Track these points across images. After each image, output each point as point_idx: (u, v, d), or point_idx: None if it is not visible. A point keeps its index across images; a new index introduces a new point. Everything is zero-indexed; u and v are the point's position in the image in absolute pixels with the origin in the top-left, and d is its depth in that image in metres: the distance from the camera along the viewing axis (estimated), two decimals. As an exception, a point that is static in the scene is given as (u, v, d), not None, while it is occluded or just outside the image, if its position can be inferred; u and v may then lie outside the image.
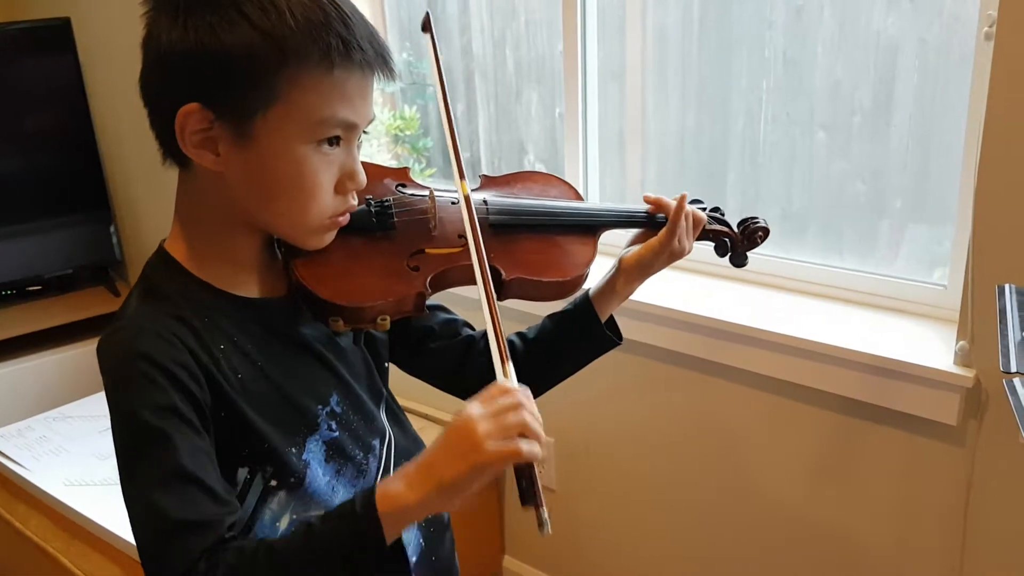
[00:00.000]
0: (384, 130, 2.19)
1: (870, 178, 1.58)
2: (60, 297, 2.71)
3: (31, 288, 2.68)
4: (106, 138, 2.72)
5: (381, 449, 1.00)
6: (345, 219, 0.92)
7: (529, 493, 0.77)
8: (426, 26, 1.04)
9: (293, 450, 0.91)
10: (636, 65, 1.84)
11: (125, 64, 0.86)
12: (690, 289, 1.70)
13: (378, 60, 0.86)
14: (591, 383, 1.87)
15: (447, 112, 0.99)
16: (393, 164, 2.11)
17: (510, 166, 2.12)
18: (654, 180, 1.89)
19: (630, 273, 1.11)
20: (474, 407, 0.80)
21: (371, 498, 0.78)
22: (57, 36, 2.59)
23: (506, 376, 0.85)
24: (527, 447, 0.77)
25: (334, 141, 0.86)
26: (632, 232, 1.17)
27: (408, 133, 2.19)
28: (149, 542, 0.81)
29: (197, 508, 0.81)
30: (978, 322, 1.32)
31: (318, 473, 0.93)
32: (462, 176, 0.96)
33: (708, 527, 1.77)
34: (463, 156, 1.06)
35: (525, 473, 0.78)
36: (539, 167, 2.07)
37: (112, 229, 2.77)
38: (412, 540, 1.01)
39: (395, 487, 0.79)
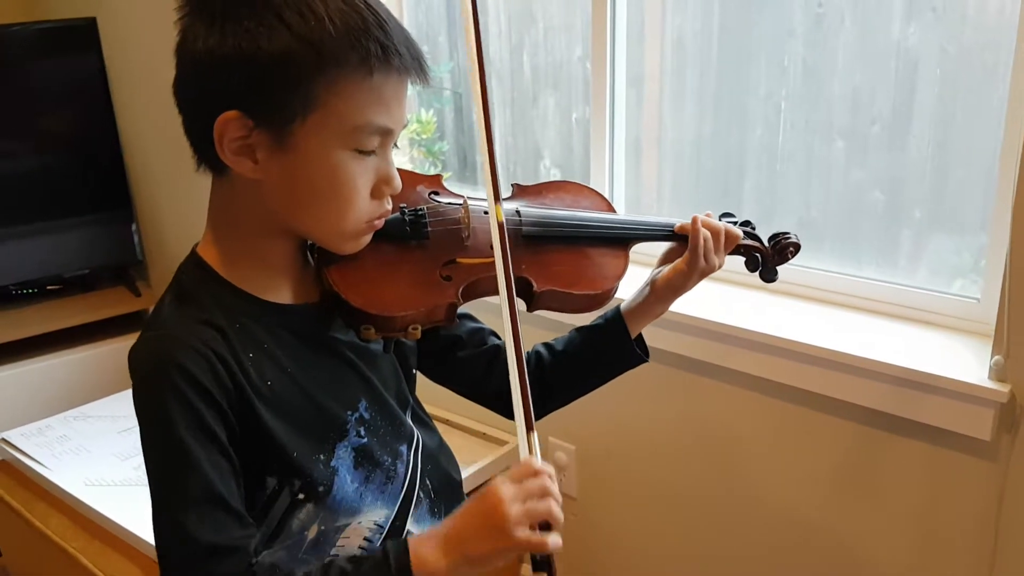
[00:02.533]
0: (401, 134, 2.19)
1: (889, 188, 1.57)
2: (80, 296, 2.73)
3: (51, 287, 2.70)
4: (129, 138, 2.74)
5: (409, 455, 1.00)
6: (380, 223, 0.92)
7: (543, 566, 0.84)
8: None
9: (321, 457, 0.91)
10: (654, 72, 1.84)
11: (149, 65, 0.87)
12: (712, 297, 1.69)
13: (414, 64, 0.87)
14: (613, 390, 1.83)
15: (486, 118, 0.95)
16: (409, 167, 2.12)
17: (525, 171, 2.12)
18: (670, 188, 1.88)
19: (662, 294, 1.11)
20: (505, 488, 0.82)
21: (406, 562, 0.82)
22: (82, 36, 2.61)
23: (530, 449, 0.86)
24: (552, 541, 0.82)
25: (370, 148, 0.86)
26: (665, 246, 1.16)
27: (424, 137, 2.19)
28: (175, 563, 0.83)
29: (226, 533, 0.83)
30: (1014, 336, 1.31)
31: (346, 480, 0.93)
32: (497, 199, 0.92)
33: (726, 536, 1.77)
34: (478, 160, 1.03)
35: (545, 558, 0.84)
36: (554, 172, 2.07)
37: (133, 229, 2.79)
38: None
39: (429, 555, 0.83)
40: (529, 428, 0.86)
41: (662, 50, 1.82)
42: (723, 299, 1.68)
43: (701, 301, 1.65)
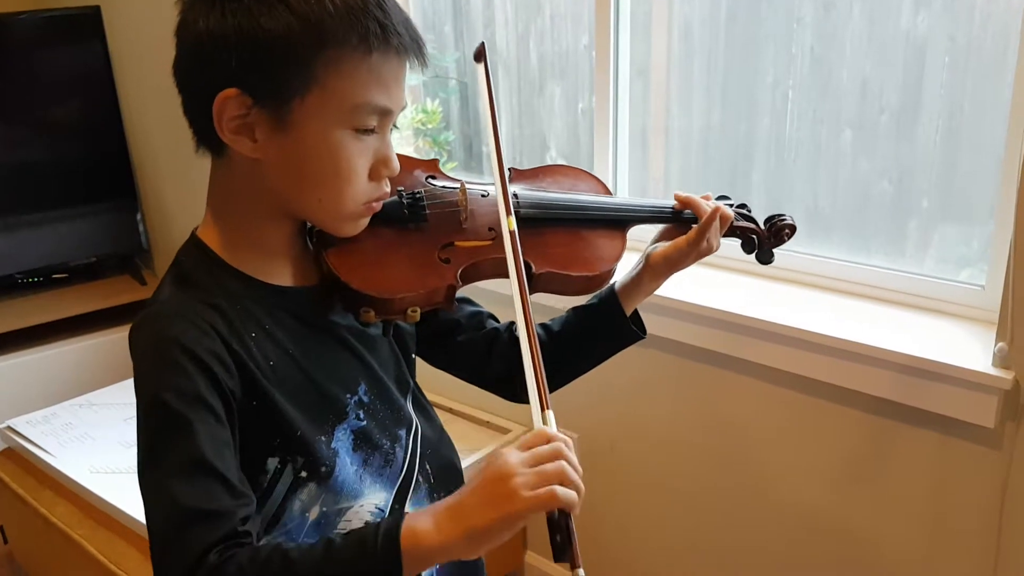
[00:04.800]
0: (406, 123, 2.19)
1: (897, 177, 1.56)
2: (86, 285, 2.75)
3: (57, 276, 2.72)
4: (133, 126, 2.74)
5: (408, 439, 1.00)
6: (378, 205, 0.92)
7: (564, 549, 0.73)
8: (479, 56, 1.03)
9: (322, 438, 0.91)
10: (661, 61, 1.83)
11: (154, 52, 0.87)
12: (717, 285, 1.69)
13: (413, 46, 0.86)
14: (618, 380, 1.86)
15: (497, 149, 0.98)
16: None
17: (532, 160, 2.12)
18: (677, 177, 1.88)
19: (657, 269, 1.10)
20: (513, 455, 0.76)
21: (395, 535, 0.76)
22: (87, 24, 2.61)
23: (545, 423, 0.80)
24: (562, 493, 0.73)
25: (369, 128, 0.86)
26: (659, 227, 1.16)
27: (430, 126, 2.19)
28: (161, 528, 0.80)
29: (213, 499, 0.79)
30: (1018, 324, 1.30)
31: (346, 462, 0.93)
32: (508, 212, 0.95)
33: (733, 527, 1.77)
34: (484, 151, 1.03)
35: (561, 526, 0.73)
36: (560, 162, 2.07)
37: (138, 217, 2.80)
38: None
39: (423, 525, 0.76)
40: (544, 407, 0.81)
41: (669, 39, 1.81)
42: (728, 288, 1.68)
43: (707, 290, 1.65)
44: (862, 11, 1.53)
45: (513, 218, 0.95)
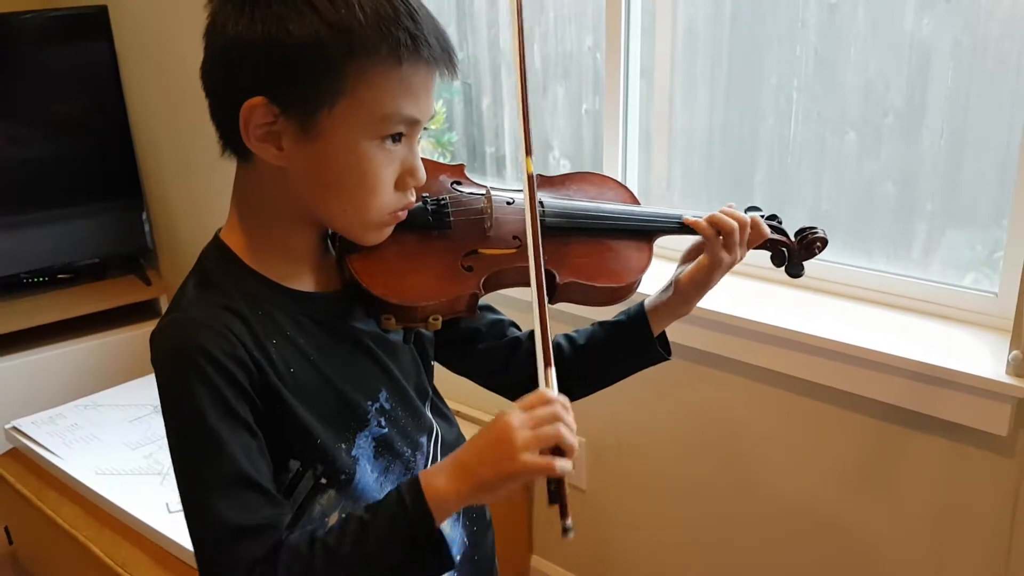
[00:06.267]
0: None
1: (901, 180, 1.55)
2: (91, 285, 2.75)
3: (62, 275, 2.72)
4: (140, 126, 2.74)
5: (428, 446, 1.00)
6: (404, 214, 0.92)
7: (556, 497, 0.80)
8: None
9: (343, 446, 0.91)
10: (665, 61, 1.82)
11: (161, 53, 0.86)
12: (724, 289, 1.67)
13: (444, 56, 0.86)
14: (625, 382, 1.84)
15: (523, 87, 0.97)
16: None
17: (535, 163, 2.10)
18: (680, 178, 1.87)
19: (686, 293, 1.09)
20: (515, 415, 0.81)
21: (420, 494, 0.81)
22: (94, 23, 2.61)
23: (547, 382, 0.85)
24: (559, 464, 0.79)
25: (397, 137, 0.85)
26: (689, 242, 1.14)
27: (433, 127, 2.19)
28: (208, 546, 0.83)
29: (255, 513, 0.82)
30: None
31: (367, 470, 0.93)
32: (528, 152, 0.94)
33: (739, 531, 1.77)
34: (488, 151, 1.01)
35: (554, 483, 0.81)
36: (564, 163, 2.06)
37: (144, 217, 2.80)
38: (457, 538, 1.02)
39: (440, 483, 0.82)
40: (547, 364, 0.86)
41: (673, 39, 1.80)
42: (734, 292, 1.67)
43: (714, 294, 1.64)
44: (866, 13, 1.52)
45: (532, 159, 0.95)
